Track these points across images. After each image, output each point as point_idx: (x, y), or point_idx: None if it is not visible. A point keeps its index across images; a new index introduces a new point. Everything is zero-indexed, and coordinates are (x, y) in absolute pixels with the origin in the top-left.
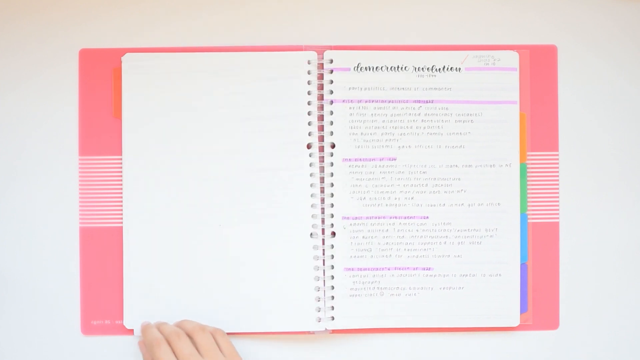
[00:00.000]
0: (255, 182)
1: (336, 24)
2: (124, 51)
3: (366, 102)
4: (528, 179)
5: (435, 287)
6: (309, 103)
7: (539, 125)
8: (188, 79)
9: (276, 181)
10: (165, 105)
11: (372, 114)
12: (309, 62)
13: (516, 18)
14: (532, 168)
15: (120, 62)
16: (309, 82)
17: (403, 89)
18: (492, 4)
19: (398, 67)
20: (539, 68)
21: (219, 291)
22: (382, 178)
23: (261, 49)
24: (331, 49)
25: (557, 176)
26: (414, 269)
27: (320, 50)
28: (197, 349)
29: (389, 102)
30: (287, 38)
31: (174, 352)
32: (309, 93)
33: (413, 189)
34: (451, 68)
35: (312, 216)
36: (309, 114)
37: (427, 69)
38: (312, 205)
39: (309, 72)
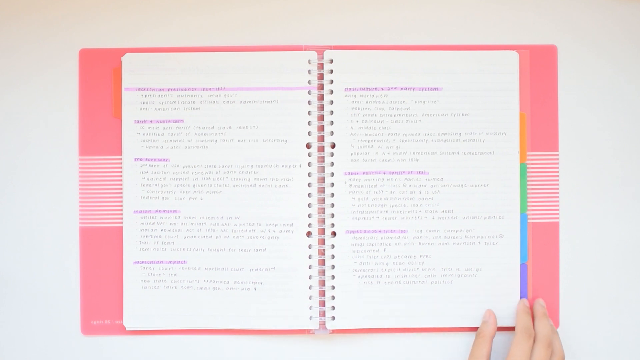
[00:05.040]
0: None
1: (336, 24)
2: (124, 51)
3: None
4: (528, 179)
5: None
6: (309, 103)
7: (539, 125)
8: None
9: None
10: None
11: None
12: (309, 62)
13: (516, 18)
14: (532, 168)
15: (120, 62)
16: (309, 82)
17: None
18: (492, 4)
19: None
20: (539, 68)
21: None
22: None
23: (261, 48)
24: (331, 49)
25: (557, 176)
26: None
27: (320, 50)
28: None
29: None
30: (287, 38)
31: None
32: (309, 93)
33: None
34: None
35: (312, 216)
36: (309, 113)
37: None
38: (311, 205)
39: (309, 72)
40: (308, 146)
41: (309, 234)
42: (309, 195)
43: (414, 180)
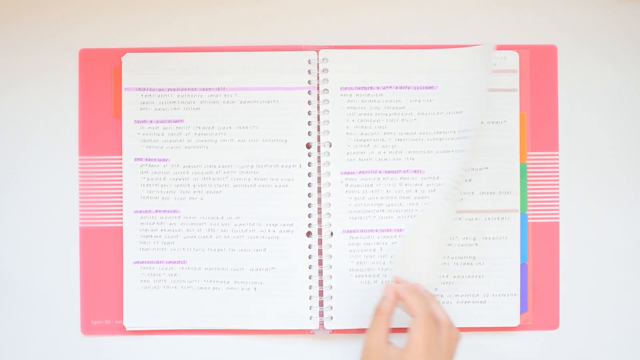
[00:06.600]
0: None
1: (336, 24)
2: (124, 51)
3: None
4: (528, 179)
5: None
6: (309, 102)
7: (539, 125)
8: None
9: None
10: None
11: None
12: (309, 62)
13: (516, 18)
14: (532, 168)
15: (120, 62)
16: (309, 82)
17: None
18: (492, 4)
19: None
20: (539, 68)
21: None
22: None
23: (261, 48)
24: (330, 49)
25: (557, 176)
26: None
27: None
28: None
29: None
30: (287, 38)
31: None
32: (309, 93)
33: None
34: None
35: (310, 215)
36: (309, 113)
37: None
38: (310, 205)
39: (309, 72)
40: (308, 146)
41: (309, 234)
42: (309, 195)
43: (410, 179)
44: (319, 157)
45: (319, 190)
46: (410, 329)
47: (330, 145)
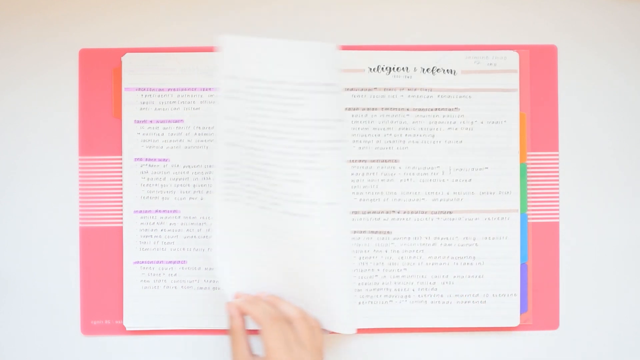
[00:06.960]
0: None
1: (337, 25)
2: (124, 51)
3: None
4: (528, 179)
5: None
6: None
7: (539, 125)
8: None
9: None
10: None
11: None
12: None
13: (516, 18)
14: (532, 168)
15: (120, 62)
16: None
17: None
18: (492, 4)
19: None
20: (539, 68)
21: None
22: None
23: None
24: None
25: (557, 176)
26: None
27: None
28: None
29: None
30: (287, 38)
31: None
32: None
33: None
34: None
35: None
36: None
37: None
38: None
39: None
40: None
41: None
42: None
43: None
44: None
45: None
46: (261, 338)
47: None
